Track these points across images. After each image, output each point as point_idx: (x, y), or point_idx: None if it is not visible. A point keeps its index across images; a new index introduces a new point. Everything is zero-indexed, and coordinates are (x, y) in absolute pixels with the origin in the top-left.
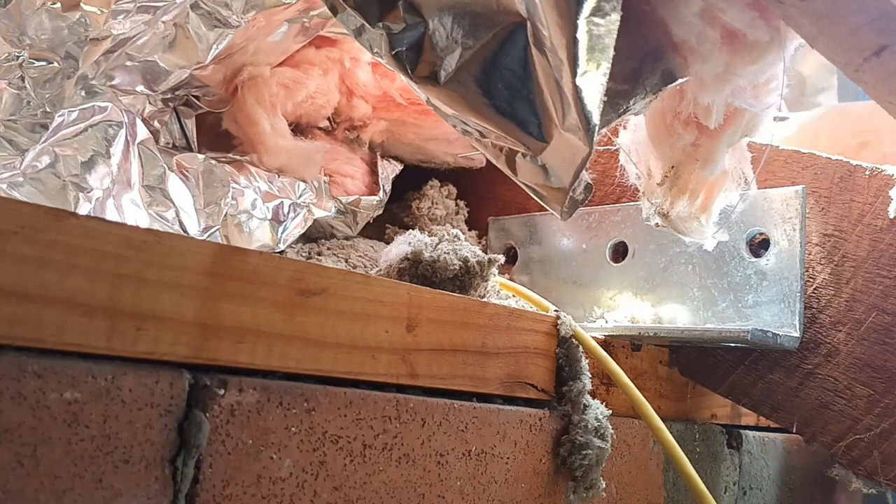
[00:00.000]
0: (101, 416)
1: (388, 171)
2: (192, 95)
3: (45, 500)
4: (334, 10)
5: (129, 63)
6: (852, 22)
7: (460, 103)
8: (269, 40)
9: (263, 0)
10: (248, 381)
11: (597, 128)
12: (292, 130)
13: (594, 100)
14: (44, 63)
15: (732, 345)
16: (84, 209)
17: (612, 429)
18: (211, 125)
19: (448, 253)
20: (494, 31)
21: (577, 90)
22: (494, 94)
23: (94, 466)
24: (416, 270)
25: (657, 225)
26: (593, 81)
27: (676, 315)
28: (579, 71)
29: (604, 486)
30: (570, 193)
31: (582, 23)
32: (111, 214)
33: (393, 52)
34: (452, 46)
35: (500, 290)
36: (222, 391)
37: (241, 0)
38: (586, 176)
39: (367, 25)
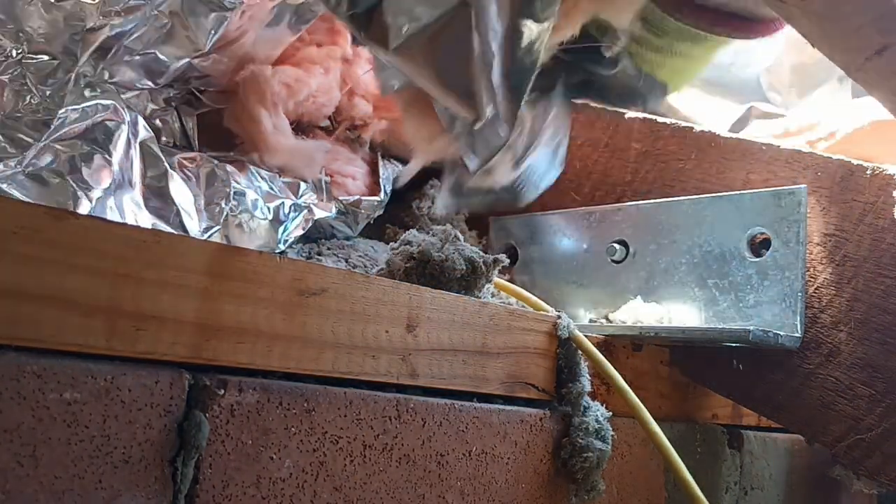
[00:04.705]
0: (100, 416)
1: (389, 171)
2: (195, 89)
3: (44, 500)
4: None
5: (128, 58)
6: (853, 21)
7: (407, 69)
8: (265, 30)
9: None
10: (248, 381)
11: (516, 120)
12: (293, 129)
13: (520, 93)
14: (45, 57)
15: (734, 345)
16: (84, 208)
17: (613, 430)
18: (212, 124)
19: (454, 253)
20: (444, 11)
21: (508, 81)
22: (437, 67)
23: (93, 467)
24: (424, 270)
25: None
26: (524, 73)
27: (677, 315)
28: (513, 60)
29: (604, 487)
30: (480, 167)
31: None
32: (111, 214)
33: (349, 13)
34: (402, 19)
35: (497, 292)
36: (222, 391)
37: None
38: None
39: None
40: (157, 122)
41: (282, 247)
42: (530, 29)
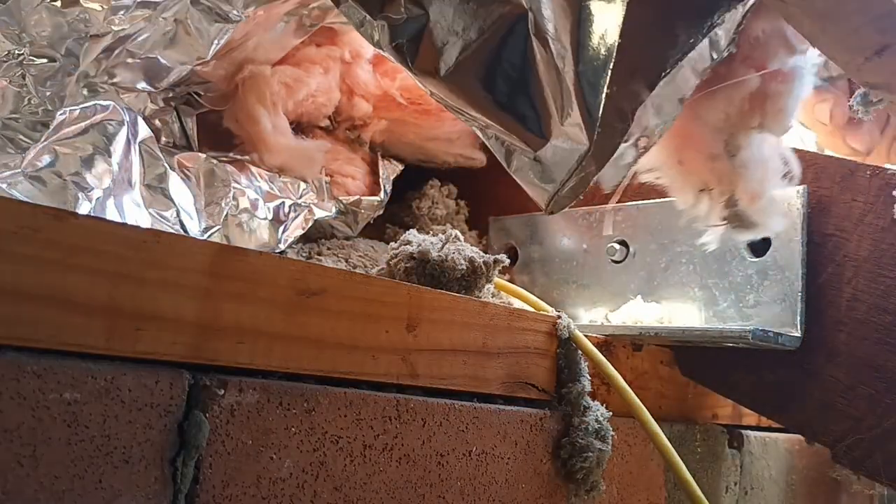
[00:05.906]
0: (100, 416)
1: (389, 171)
2: (194, 93)
3: (44, 500)
4: (336, 2)
5: (130, 60)
6: (854, 21)
7: (461, 96)
8: (269, 36)
9: None
10: (248, 381)
11: (598, 122)
12: (293, 129)
13: (597, 92)
14: (45, 60)
15: (734, 345)
16: (84, 208)
17: (613, 429)
18: (212, 124)
19: (454, 253)
20: (495, 23)
21: (579, 81)
22: (494, 88)
23: (93, 467)
24: (424, 270)
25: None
26: (597, 71)
27: (677, 315)
28: (583, 59)
29: (604, 487)
30: (559, 191)
31: (587, 6)
32: (111, 214)
33: (393, 44)
34: (453, 39)
35: (497, 292)
36: (222, 391)
37: None
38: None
39: (368, 17)
40: (157, 122)
41: (282, 247)
42: (601, 10)
